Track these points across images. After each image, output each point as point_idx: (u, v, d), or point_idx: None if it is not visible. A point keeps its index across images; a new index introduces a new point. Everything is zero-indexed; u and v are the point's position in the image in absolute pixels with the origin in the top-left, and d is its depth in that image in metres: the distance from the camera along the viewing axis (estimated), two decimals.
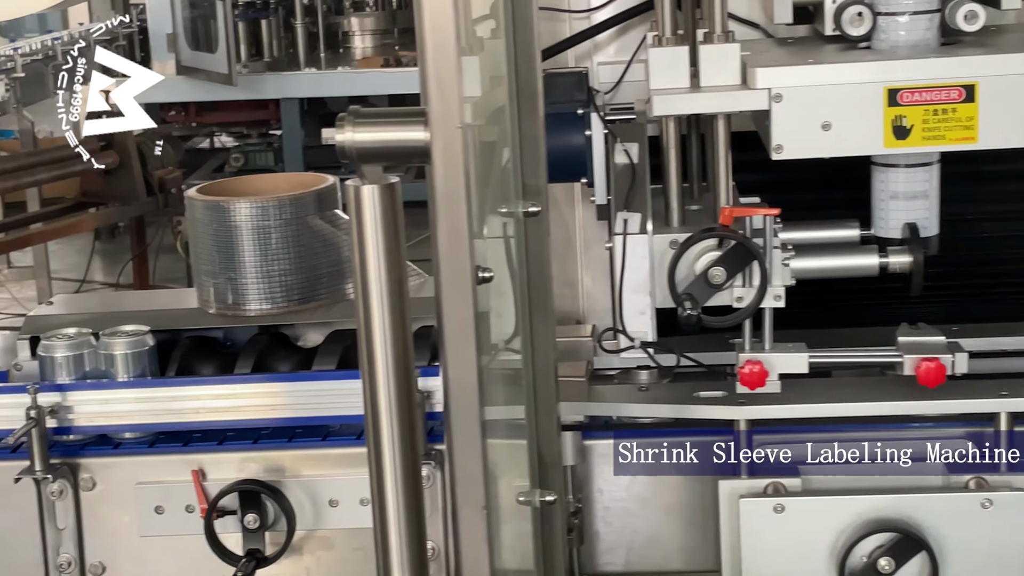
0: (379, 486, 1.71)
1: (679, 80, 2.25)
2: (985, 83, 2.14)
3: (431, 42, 1.60)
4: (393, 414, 1.69)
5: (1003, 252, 2.66)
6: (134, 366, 2.43)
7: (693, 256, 2.26)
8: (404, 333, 1.69)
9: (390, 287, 1.66)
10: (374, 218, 1.63)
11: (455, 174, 1.63)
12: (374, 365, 1.68)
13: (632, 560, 2.48)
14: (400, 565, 1.72)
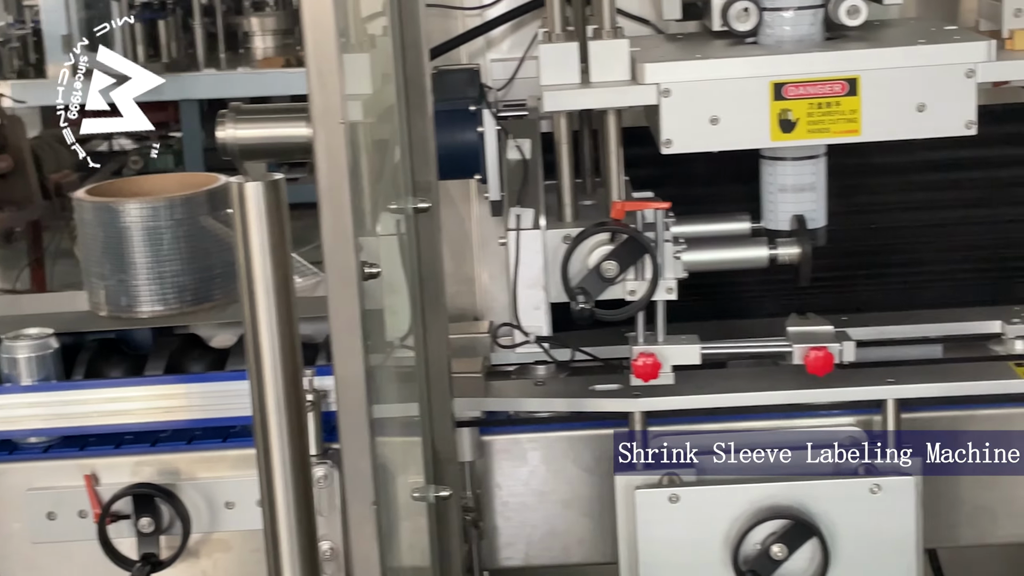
0: (268, 487, 1.71)
1: (569, 76, 2.25)
2: (867, 76, 2.17)
3: (312, 38, 1.60)
4: (281, 414, 1.68)
5: (890, 243, 2.71)
6: (38, 370, 2.38)
7: (586, 250, 2.27)
8: (291, 332, 1.68)
9: (276, 285, 1.65)
10: (258, 216, 1.62)
11: (338, 170, 1.63)
12: (261, 364, 1.67)
13: (532, 554, 2.48)
14: (291, 566, 1.71)
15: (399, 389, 2.11)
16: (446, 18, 2.64)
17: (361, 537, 1.72)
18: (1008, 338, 2.54)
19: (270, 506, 1.71)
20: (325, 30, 1.59)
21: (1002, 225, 2.71)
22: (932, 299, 2.69)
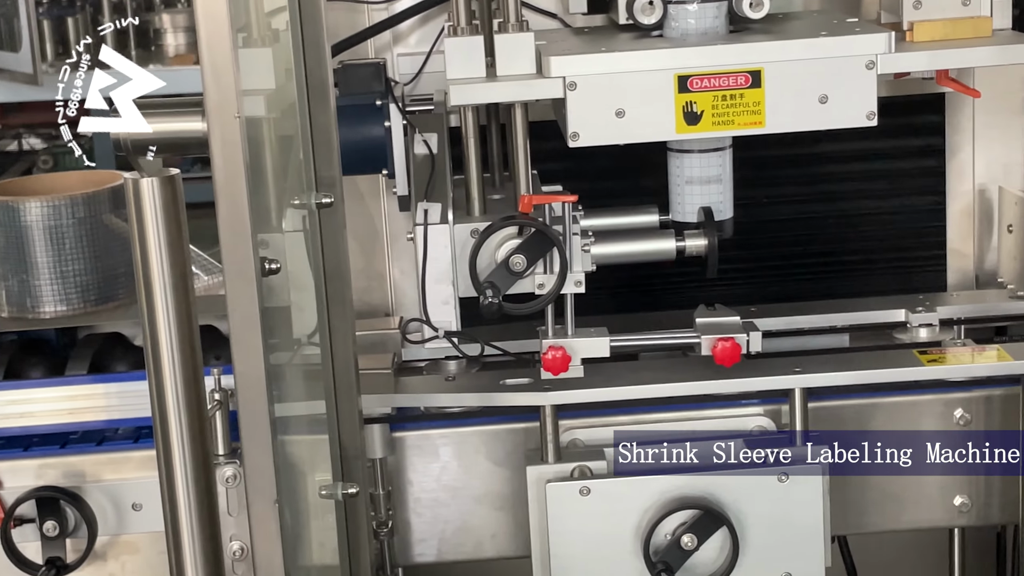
0: (170, 489, 1.68)
1: (475, 70, 2.24)
2: (770, 69, 2.18)
3: (205, 31, 1.58)
4: (181, 413, 1.65)
5: (796, 234, 2.73)
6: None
7: (494, 244, 2.26)
8: (190, 330, 1.66)
9: (173, 283, 1.63)
10: (154, 212, 1.59)
11: (235, 165, 1.61)
12: (160, 363, 1.65)
13: (444, 550, 2.47)
14: (193, 568, 1.69)
15: (305, 386, 2.09)
16: (352, 12, 2.62)
17: (263, 536, 1.70)
18: (912, 326, 2.58)
19: (171, 508, 1.69)
20: (219, 23, 1.57)
21: (906, 215, 2.75)
22: (839, 289, 2.72)
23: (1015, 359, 2.39)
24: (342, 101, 2.37)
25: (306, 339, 2.12)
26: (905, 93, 2.65)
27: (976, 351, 2.44)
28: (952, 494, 2.45)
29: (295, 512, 1.96)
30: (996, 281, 2.73)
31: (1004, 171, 2.76)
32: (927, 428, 2.43)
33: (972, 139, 2.75)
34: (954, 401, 2.43)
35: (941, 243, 2.78)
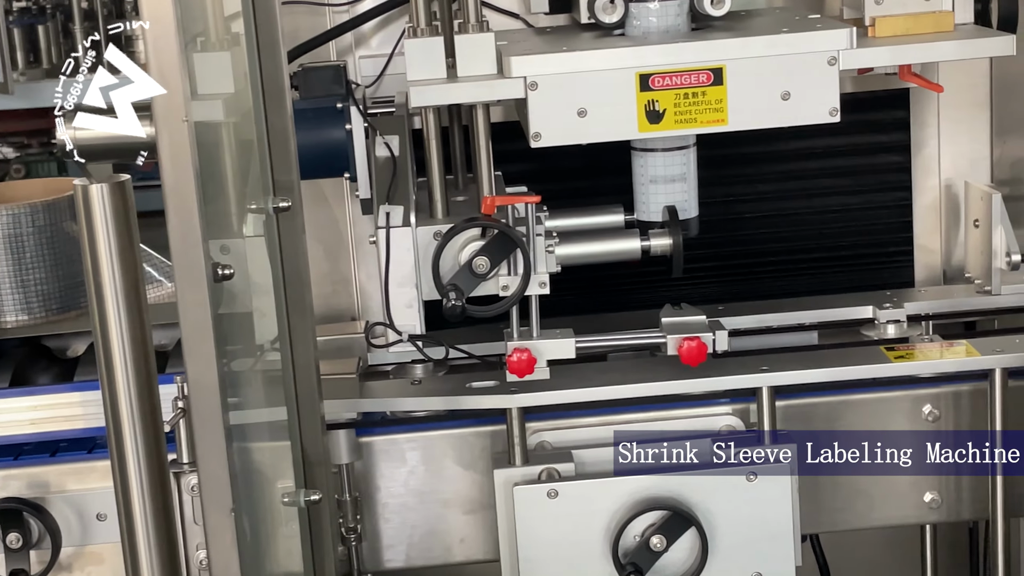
0: (125, 499, 1.67)
1: (436, 71, 2.23)
2: (732, 66, 2.17)
3: (153, 35, 1.56)
4: (136, 422, 1.64)
5: (763, 231, 2.73)
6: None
7: (457, 247, 2.25)
8: (143, 337, 1.64)
9: (125, 290, 1.61)
10: (104, 219, 1.58)
11: (184, 169, 1.59)
12: (113, 372, 1.63)
13: (413, 555, 2.46)
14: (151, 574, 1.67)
15: (265, 393, 2.07)
16: (313, 15, 2.61)
17: (219, 546, 1.68)
18: (880, 323, 2.57)
19: (128, 518, 1.67)
20: (165, 27, 1.56)
21: (872, 211, 2.76)
22: (806, 286, 2.72)
23: (983, 354, 2.38)
24: (303, 104, 2.36)
25: (267, 345, 2.10)
26: (869, 89, 2.65)
27: (944, 347, 2.44)
28: (922, 491, 2.45)
29: (257, 520, 1.94)
30: (963, 276, 2.72)
31: (970, 166, 2.76)
32: (896, 424, 2.43)
33: (937, 134, 2.75)
34: (923, 397, 2.42)
35: (908, 239, 2.78)
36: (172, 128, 1.58)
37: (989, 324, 2.68)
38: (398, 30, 2.61)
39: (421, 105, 2.26)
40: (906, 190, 2.76)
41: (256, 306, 2.04)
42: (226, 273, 1.69)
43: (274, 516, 2.06)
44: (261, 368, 2.05)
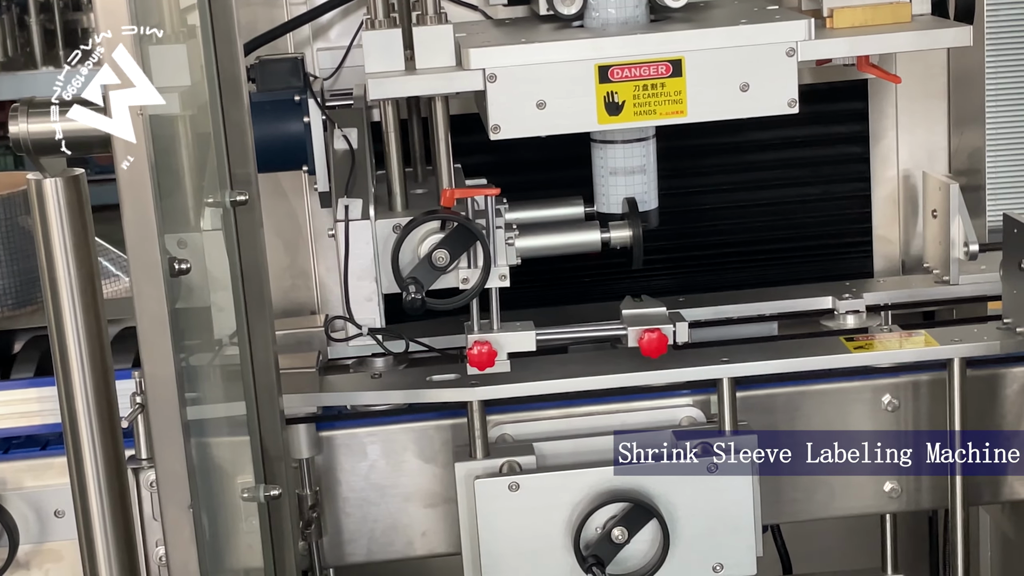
0: (82, 496, 1.66)
1: (394, 63, 2.22)
2: (691, 58, 2.17)
3: (105, 27, 1.54)
4: (92, 418, 1.63)
5: (723, 223, 2.74)
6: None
7: (417, 239, 2.24)
8: (99, 332, 1.63)
9: (80, 284, 1.60)
10: (58, 213, 1.57)
11: (139, 162, 1.57)
12: (68, 367, 1.62)
13: (374, 549, 2.45)
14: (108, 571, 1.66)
15: (224, 388, 2.06)
16: (270, 7, 2.59)
17: (177, 542, 1.67)
18: (839, 313, 2.59)
19: (84, 515, 1.66)
20: (117, 17, 1.54)
21: (832, 202, 2.77)
22: (766, 277, 2.73)
23: (941, 344, 2.39)
24: (260, 97, 2.34)
25: (226, 339, 2.09)
26: (827, 80, 2.66)
27: (903, 337, 2.45)
28: (882, 480, 2.46)
29: (216, 516, 1.93)
30: (922, 266, 2.73)
31: (928, 156, 2.78)
32: (856, 414, 2.45)
33: (895, 125, 2.76)
34: (882, 387, 2.44)
35: (867, 229, 2.79)
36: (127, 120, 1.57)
37: (948, 314, 2.70)
38: (356, 22, 2.60)
39: (379, 97, 2.25)
40: (864, 181, 2.77)
41: (214, 300, 2.03)
42: (183, 268, 1.68)
43: (233, 512, 2.05)
44: (219, 363, 2.04)
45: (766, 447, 2.33)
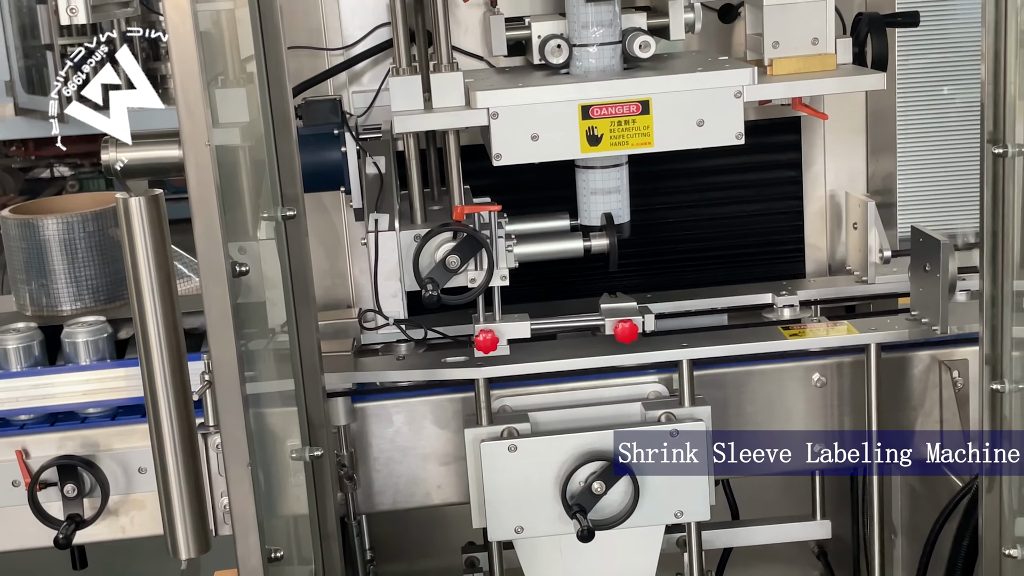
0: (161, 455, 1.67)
1: (415, 103, 2.22)
2: (657, 99, 2.17)
3: (179, 74, 1.55)
4: (169, 392, 1.64)
5: (682, 233, 2.74)
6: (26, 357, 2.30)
7: (433, 247, 2.24)
8: (174, 322, 1.64)
9: (159, 284, 1.61)
10: (141, 225, 1.57)
11: (207, 184, 1.58)
12: (150, 352, 1.63)
13: (399, 499, 2.45)
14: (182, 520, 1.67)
15: (277, 367, 2.06)
16: (314, 57, 2.59)
17: (238, 494, 1.68)
18: (777, 307, 2.59)
19: (163, 471, 1.67)
20: (190, 67, 1.55)
21: (770, 216, 2.76)
22: (718, 277, 2.73)
23: (861, 332, 2.39)
24: (305, 131, 2.34)
25: (277, 328, 2.09)
26: (768, 117, 2.66)
27: (829, 326, 2.45)
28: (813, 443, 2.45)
29: (270, 472, 1.93)
30: (845, 269, 2.73)
31: (850, 179, 2.77)
32: (791, 389, 2.44)
33: (823, 153, 2.76)
34: (812, 367, 2.43)
35: (800, 239, 2.79)
36: (197, 151, 1.58)
37: (866, 307, 2.70)
38: (384, 70, 2.60)
39: (403, 131, 2.25)
40: (798, 199, 2.77)
41: (268, 297, 2.04)
42: (243, 270, 1.69)
43: (284, 469, 2.06)
44: (272, 347, 2.04)
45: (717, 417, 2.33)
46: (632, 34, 2.26)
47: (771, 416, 2.43)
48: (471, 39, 2.60)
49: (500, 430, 2.30)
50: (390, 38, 2.42)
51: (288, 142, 2.04)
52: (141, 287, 1.60)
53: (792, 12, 2.28)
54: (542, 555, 2.39)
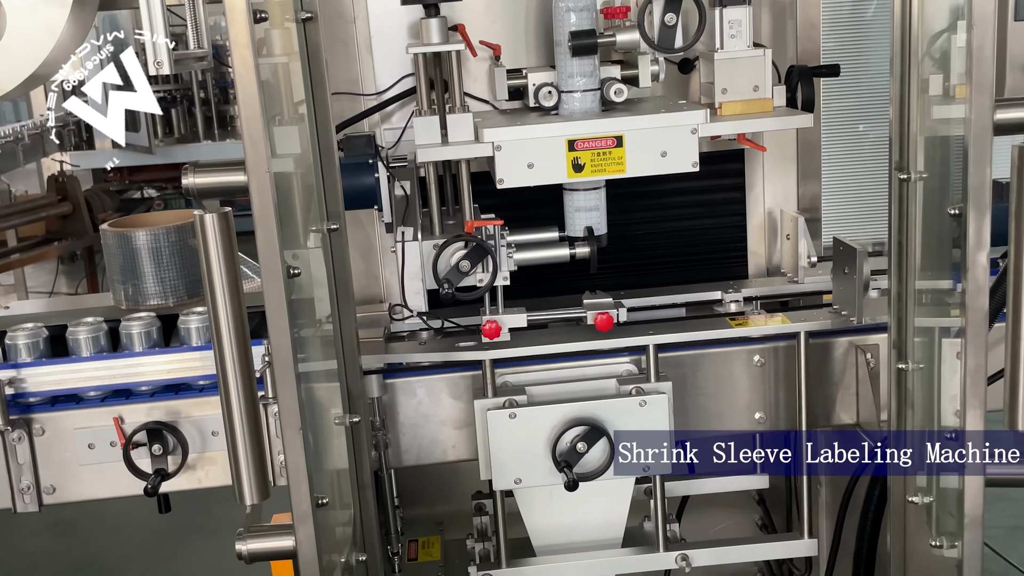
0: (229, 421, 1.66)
1: (434, 138, 2.22)
2: (629, 134, 2.17)
3: (245, 115, 1.55)
4: (236, 371, 1.64)
5: (649, 243, 2.73)
6: (95, 345, 2.29)
7: (449, 254, 2.23)
8: (241, 315, 1.64)
9: (229, 284, 1.61)
10: (215, 237, 1.58)
11: (266, 203, 1.58)
12: (220, 338, 1.63)
13: (421, 456, 2.44)
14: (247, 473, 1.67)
15: (323, 350, 2.06)
16: (353, 102, 2.57)
17: (292, 453, 1.68)
18: (725, 302, 2.57)
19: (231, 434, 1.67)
20: (253, 109, 1.54)
21: (720, 229, 2.75)
22: (677, 278, 2.71)
23: (793, 322, 2.39)
24: (346, 160, 2.34)
25: (323, 319, 2.09)
26: (718, 149, 2.65)
27: (767, 317, 2.45)
28: (754, 411, 2.45)
29: (317, 435, 1.93)
30: (780, 272, 2.73)
31: (784, 199, 2.76)
32: (737, 368, 2.43)
33: (763, 178, 2.74)
34: (753, 351, 2.42)
35: (743, 247, 2.77)
36: (259, 176, 1.58)
37: (797, 302, 2.68)
38: (409, 111, 2.59)
39: (425, 161, 2.24)
40: (742, 215, 2.76)
41: (316, 294, 2.04)
42: (295, 272, 1.69)
43: (329, 432, 2.06)
44: (319, 335, 2.04)
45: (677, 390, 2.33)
46: (608, 82, 2.25)
47: (720, 390, 2.42)
48: (479, 86, 2.59)
49: (502, 401, 2.30)
50: (414, 86, 2.42)
51: (332, 169, 2.04)
52: (214, 286, 1.60)
53: (737, 65, 2.27)
54: (536, 501, 2.38)
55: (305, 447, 1.67)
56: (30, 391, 2.26)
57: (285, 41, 1.92)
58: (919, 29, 1.93)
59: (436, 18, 2.23)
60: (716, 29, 2.26)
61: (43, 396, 2.26)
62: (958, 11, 1.81)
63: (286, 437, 1.67)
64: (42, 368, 2.26)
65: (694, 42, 2.23)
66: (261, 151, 1.56)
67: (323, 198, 2.00)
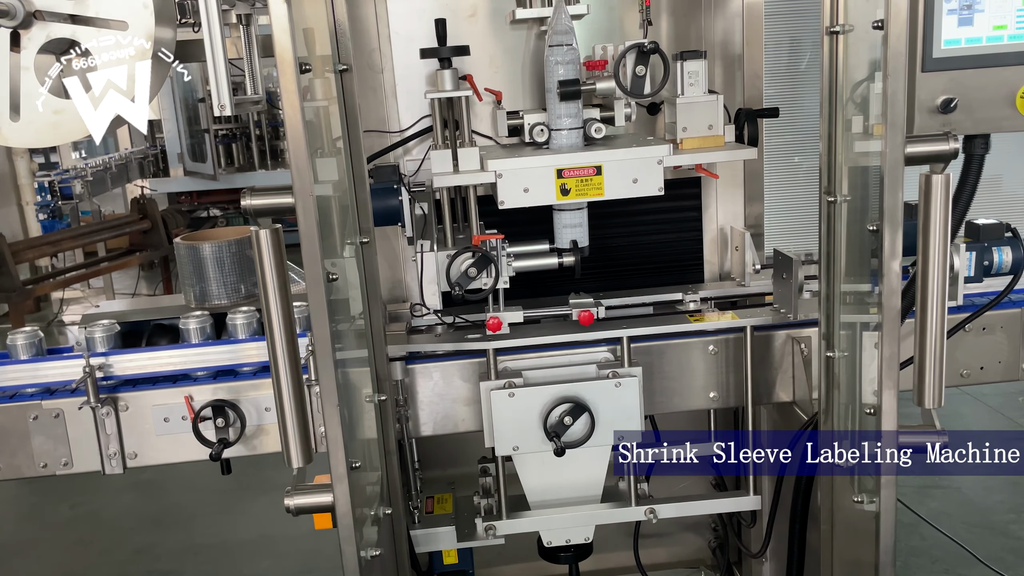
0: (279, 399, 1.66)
1: (447, 167, 2.21)
2: (607, 165, 2.16)
3: (292, 148, 1.54)
4: (285, 358, 1.63)
5: (623, 254, 2.73)
6: (201, 334, 2.30)
7: (459, 262, 2.23)
8: (289, 312, 1.63)
9: (280, 288, 1.61)
10: (268, 249, 1.57)
11: (310, 221, 1.58)
12: (272, 331, 1.63)
13: (437, 427, 2.43)
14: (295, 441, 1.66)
15: (356, 341, 2.06)
16: (382, 137, 2.58)
17: (331, 425, 1.67)
18: (685, 302, 2.57)
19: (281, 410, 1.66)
20: (299, 144, 1.54)
21: (681, 243, 2.75)
22: (646, 282, 2.71)
23: (741, 318, 2.39)
24: (375, 186, 2.33)
25: (356, 316, 2.09)
26: (679, 177, 2.65)
27: (720, 314, 2.45)
28: (709, 391, 2.45)
29: (351, 410, 1.93)
30: (730, 277, 2.73)
31: (733, 217, 2.76)
32: (695, 357, 2.42)
33: (716, 200, 2.75)
34: (708, 342, 2.42)
35: (700, 256, 2.77)
36: (304, 199, 1.57)
37: (744, 302, 2.69)
38: (427, 146, 2.59)
39: (440, 186, 2.24)
40: (699, 231, 2.76)
41: (350, 295, 2.03)
42: (333, 278, 1.69)
43: (361, 408, 2.05)
44: (353, 328, 2.04)
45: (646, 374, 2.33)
46: (590, 122, 2.25)
47: (681, 373, 2.42)
48: (484, 125, 2.60)
49: (503, 382, 2.30)
50: (431, 125, 2.42)
51: (364, 193, 2.04)
52: (267, 289, 1.60)
53: (695, 107, 2.27)
54: (531, 465, 2.38)
55: (341, 420, 1.67)
56: (115, 374, 2.25)
57: (325, 88, 1.92)
58: (844, 78, 1.93)
59: (449, 69, 2.24)
60: (678, 78, 2.27)
61: (121, 380, 2.26)
62: (876, 64, 1.81)
63: (326, 412, 1.67)
64: (124, 356, 2.26)
65: (660, 89, 2.23)
66: (306, 178, 1.56)
67: (356, 216, 2.00)
